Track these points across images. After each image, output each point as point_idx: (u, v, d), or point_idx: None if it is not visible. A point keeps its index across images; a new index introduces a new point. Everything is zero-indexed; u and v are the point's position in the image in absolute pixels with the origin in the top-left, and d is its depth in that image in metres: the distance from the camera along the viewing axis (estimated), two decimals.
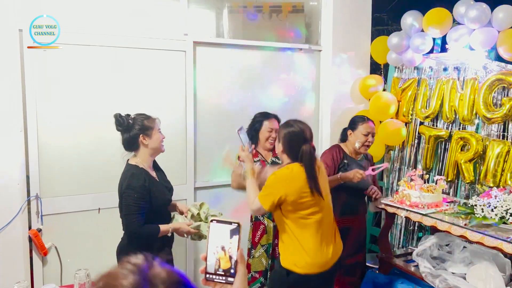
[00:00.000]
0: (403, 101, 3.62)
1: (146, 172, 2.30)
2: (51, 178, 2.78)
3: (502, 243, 2.13)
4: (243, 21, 3.51)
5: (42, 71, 2.71)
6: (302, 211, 2.15)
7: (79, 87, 2.83)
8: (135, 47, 2.98)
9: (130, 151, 2.34)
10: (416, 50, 3.37)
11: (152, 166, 2.39)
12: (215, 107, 3.33)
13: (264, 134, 2.84)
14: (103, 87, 2.90)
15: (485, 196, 2.41)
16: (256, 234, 2.85)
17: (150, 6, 3.06)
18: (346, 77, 3.82)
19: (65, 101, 2.80)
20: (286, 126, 2.26)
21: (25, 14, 2.61)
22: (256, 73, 3.48)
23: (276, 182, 2.14)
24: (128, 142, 2.30)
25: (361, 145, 2.85)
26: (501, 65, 2.97)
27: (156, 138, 2.33)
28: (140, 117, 2.33)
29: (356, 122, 2.91)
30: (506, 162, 2.83)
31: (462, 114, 3.14)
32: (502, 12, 2.89)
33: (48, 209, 2.77)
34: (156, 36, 3.03)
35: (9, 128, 2.60)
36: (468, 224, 2.35)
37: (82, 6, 2.83)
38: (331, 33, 3.70)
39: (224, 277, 1.01)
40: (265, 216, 2.89)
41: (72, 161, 2.83)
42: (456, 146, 3.18)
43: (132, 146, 2.32)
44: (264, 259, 2.83)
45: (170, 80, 3.13)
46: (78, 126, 2.84)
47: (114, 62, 2.93)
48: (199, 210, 2.46)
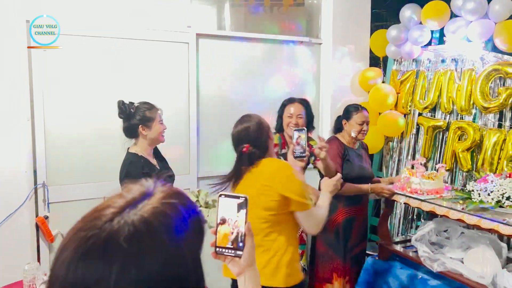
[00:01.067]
0: (402, 93, 3.69)
1: (146, 159, 2.36)
2: (58, 166, 2.83)
3: (498, 225, 2.19)
4: (245, 14, 3.58)
5: (49, 62, 2.77)
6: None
7: (85, 78, 2.89)
8: (139, 39, 3.03)
9: (130, 138, 2.40)
10: (415, 43, 3.44)
11: (152, 154, 2.45)
12: (217, 98, 3.39)
13: (285, 121, 2.84)
14: (108, 77, 2.96)
15: (482, 181, 2.47)
16: None
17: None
18: (346, 70, 3.88)
19: (71, 91, 2.85)
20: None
21: (29, 8, 2.67)
22: (257, 65, 3.55)
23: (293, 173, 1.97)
24: (127, 130, 2.37)
25: (357, 134, 2.90)
26: (498, 56, 3.03)
27: (155, 130, 2.38)
28: (143, 106, 2.38)
29: (350, 111, 2.95)
30: (503, 150, 2.90)
31: (460, 104, 3.20)
32: (498, 4, 2.95)
33: (55, 197, 2.82)
34: (159, 28, 3.09)
35: (16, 117, 2.66)
36: (465, 208, 2.41)
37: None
38: (331, 26, 3.77)
39: (233, 250, 1.04)
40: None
41: (78, 150, 2.89)
42: (454, 136, 3.24)
43: (131, 135, 2.38)
44: None
45: (173, 71, 3.18)
46: (84, 116, 2.89)
47: (118, 54, 2.98)
48: (197, 197, 2.51)
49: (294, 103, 2.86)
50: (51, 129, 2.80)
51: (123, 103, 2.35)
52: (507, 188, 2.32)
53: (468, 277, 2.40)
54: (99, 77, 2.93)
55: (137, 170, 2.27)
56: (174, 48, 3.17)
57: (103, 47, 2.93)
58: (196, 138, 3.29)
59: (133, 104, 2.38)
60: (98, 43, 2.91)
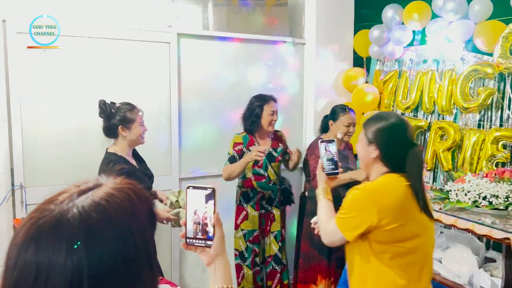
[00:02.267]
0: (385, 93, 3.70)
1: (125, 159, 2.34)
2: (36, 167, 2.80)
3: (474, 225, 2.21)
4: (228, 14, 3.56)
5: (26, 60, 2.73)
6: (402, 243, 1.54)
7: (64, 78, 2.85)
8: (120, 39, 3.01)
9: (109, 138, 2.39)
10: (397, 43, 3.45)
11: (131, 154, 2.44)
12: (199, 98, 3.37)
13: (267, 118, 2.86)
14: (88, 77, 2.92)
15: (459, 181, 2.49)
16: (238, 217, 2.98)
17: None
18: (330, 70, 3.88)
19: (50, 91, 2.82)
20: (380, 120, 1.64)
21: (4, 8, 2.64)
22: (240, 65, 3.53)
23: (366, 199, 1.56)
24: (107, 130, 2.36)
25: (343, 135, 2.90)
26: (478, 56, 3.05)
27: (135, 132, 2.36)
28: (124, 107, 2.36)
29: (337, 112, 2.95)
30: (482, 150, 2.91)
31: (441, 104, 3.21)
32: (478, 4, 2.97)
33: (33, 199, 2.78)
34: (140, 28, 3.07)
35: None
36: (443, 208, 2.42)
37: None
38: (315, 26, 3.76)
39: (203, 240, 1.06)
40: (249, 204, 2.94)
41: (57, 150, 2.85)
42: (435, 136, 3.26)
43: (111, 134, 2.37)
44: (242, 243, 2.98)
45: (155, 71, 3.16)
46: (63, 116, 2.86)
47: (99, 53, 2.95)
48: (177, 198, 2.49)
49: (271, 101, 2.89)
50: (28, 130, 2.76)
51: (104, 102, 2.34)
52: (484, 188, 2.33)
53: (445, 276, 2.41)
54: (79, 76, 2.90)
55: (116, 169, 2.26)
56: (155, 48, 3.15)
57: (83, 47, 2.90)
58: (178, 138, 3.27)
59: (114, 104, 2.37)
60: (78, 43, 2.88)
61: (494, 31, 2.87)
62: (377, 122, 1.64)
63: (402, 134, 1.60)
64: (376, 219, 1.50)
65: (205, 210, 1.05)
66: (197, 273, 3.41)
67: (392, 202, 1.53)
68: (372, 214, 1.51)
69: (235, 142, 2.93)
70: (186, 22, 3.39)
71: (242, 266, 3.00)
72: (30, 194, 2.76)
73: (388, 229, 1.50)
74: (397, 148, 1.59)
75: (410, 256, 1.55)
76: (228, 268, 1.10)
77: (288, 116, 3.78)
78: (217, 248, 1.06)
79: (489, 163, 2.83)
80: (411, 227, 1.54)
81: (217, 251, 1.06)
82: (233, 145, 2.92)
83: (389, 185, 1.57)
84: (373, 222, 1.50)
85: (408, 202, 1.53)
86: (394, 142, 1.60)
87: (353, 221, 1.56)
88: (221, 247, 1.07)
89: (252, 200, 2.96)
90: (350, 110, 2.94)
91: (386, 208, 1.51)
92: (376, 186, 1.59)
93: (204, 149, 3.37)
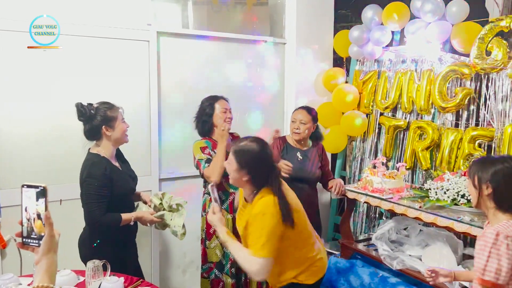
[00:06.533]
0: (364, 93, 3.73)
1: (108, 160, 2.28)
2: (10, 169, 2.71)
3: (453, 223, 2.25)
4: (208, 13, 3.53)
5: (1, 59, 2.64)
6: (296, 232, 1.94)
7: (40, 76, 2.78)
8: (98, 36, 2.94)
9: (92, 140, 2.32)
10: (376, 43, 3.48)
11: (114, 155, 2.38)
12: (179, 97, 3.33)
13: (220, 116, 2.70)
14: (65, 76, 2.85)
15: (439, 180, 2.53)
16: (211, 226, 2.68)
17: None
18: (310, 70, 3.90)
19: (25, 90, 2.73)
20: (244, 146, 1.90)
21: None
22: (220, 64, 3.51)
23: (267, 220, 1.82)
24: (90, 132, 2.28)
25: (291, 133, 2.94)
26: (455, 57, 3.10)
27: (119, 129, 2.31)
28: (103, 106, 2.30)
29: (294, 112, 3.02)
30: (459, 149, 2.97)
31: (419, 104, 3.26)
32: (455, 6, 3.02)
33: (7, 201, 2.68)
34: (119, 26, 3.01)
35: None
36: (422, 206, 2.46)
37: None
38: (295, 26, 3.77)
39: (37, 240, 1.07)
40: (223, 207, 2.79)
41: (32, 151, 2.77)
42: (414, 135, 3.30)
43: (94, 137, 2.30)
44: (219, 251, 2.75)
45: (134, 70, 3.11)
46: (39, 116, 2.78)
47: (76, 51, 2.88)
48: (161, 200, 2.45)
49: (221, 99, 2.76)
50: (2, 129, 2.67)
51: (82, 105, 2.26)
52: (462, 186, 2.38)
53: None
54: (56, 75, 2.82)
55: (100, 171, 2.20)
56: (134, 47, 3.09)
57: (61, 44, 2.81)
58: (158, 138, 3.23)
59: (92, 105, 2.29)
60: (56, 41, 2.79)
61: (471, 32, 2.93)
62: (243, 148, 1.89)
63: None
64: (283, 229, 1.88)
65: (36, 208, 1.06)
66: (178, 275, 3.37)
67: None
68: (278, 227, 1.85)
69: (201, 146, 2.69)
70: (165, 20, 3.34)
71: (221, 277, 2.76)
72: (4, 196, 2.67)
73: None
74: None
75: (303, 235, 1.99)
76: (53, 267, 1.10)
77: (268, 115, 3.78)
78: (43, 247, 1.07)
79: (466, 161, 2.89)
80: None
81: (43, 250, 1.08)
82: (201, 150, 2.67)
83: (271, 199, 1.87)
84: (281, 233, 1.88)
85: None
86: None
87: (270, 242, 1.84)
88: (47, 246, 1.08)
89: (224, 203, 2.75)
90: (300, 109, 2.98)
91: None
92: (265, 203, 1.87)
93: (184, 149, 3.33)
